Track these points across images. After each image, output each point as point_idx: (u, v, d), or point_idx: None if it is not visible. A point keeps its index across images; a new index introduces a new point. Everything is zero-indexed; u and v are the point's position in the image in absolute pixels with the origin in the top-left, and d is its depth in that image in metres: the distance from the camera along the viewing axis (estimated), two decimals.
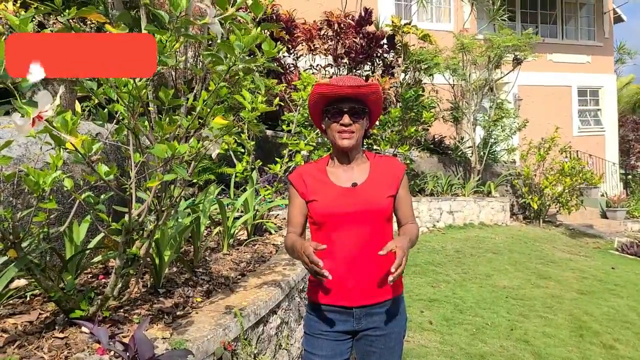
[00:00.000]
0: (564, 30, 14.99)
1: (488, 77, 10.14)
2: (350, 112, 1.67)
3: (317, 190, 1.72)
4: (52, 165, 1.51)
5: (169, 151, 1.44)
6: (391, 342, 1.73)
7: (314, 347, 1.72)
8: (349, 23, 9.22)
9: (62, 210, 2.51)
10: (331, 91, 1.66)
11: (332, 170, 1.78)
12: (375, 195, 1.70)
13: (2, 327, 1.93)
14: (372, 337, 1.72)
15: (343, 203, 1.68)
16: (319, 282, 1.72)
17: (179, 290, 2.51)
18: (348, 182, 1.73)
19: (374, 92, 1.71)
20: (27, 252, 1.84)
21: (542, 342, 4.11)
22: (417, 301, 5.00)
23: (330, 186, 1.73)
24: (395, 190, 1.75)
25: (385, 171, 1.77)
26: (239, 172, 3.96)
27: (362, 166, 1.78)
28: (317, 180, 1.75)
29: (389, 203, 1.73)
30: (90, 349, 1.75)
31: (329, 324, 1.71)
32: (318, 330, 1.72)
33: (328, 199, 1.70)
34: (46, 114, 1.27)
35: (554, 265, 6.95)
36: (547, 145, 10.54)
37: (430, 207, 8.92)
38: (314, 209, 1.71)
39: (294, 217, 1.79)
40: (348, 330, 1.71)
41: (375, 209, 1.68)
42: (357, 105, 1.69)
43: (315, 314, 1.75)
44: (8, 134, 2.45)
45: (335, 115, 1.69)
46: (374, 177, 1.74)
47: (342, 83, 1.65)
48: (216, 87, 1.55)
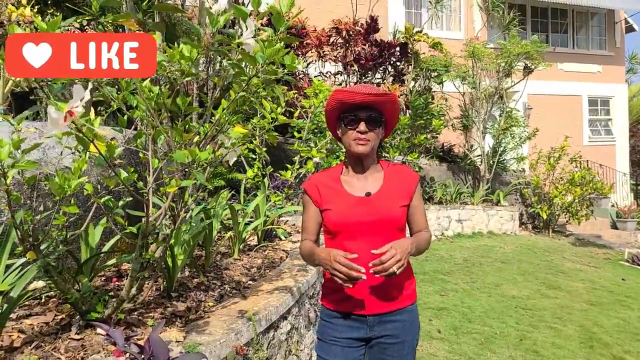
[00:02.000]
0: (574, 40, 14.93)
1: (498, 85, 10.13)
2: (367, 120, 1.68)
3: (331, 200, 1.74)
4: (76, 169, 1.55)
5: (189, 157, 1.47)
6: (404, 351, 1.74)
7: (327, 353, 1.74)
8: (358, 30, 9.27)
9: (78, 214, 2.55)
10: (350, 98, 1.67)
11: (346, 179, 1.79)
12: (389, 205, 1.71)
13: (20, 328, 1.97)
14: (385, 344, 1.73)
15: (357, 212, 1.69)
16: (333, 289, 1.74)
17: (192, 294, 2.54)
18: (362, 191, 1.74)
19: (392, 102, 1.72)
20: (45, 255, 1.88)
21: (551, 353, 4.08)
22: (425, 309, 4.98)
23: (344, 195, 1.74)
24: (409, 199, 1.76)
25: (398, 180, 1.78)
26: (250, 178, 4.00)
27: (375, 175, 1.79)
28: (331, 189, 1.76)
29: (402, 212, 1.74)
30: (106, 350, 1.78)
31: (342, 330, 1.72)
32: (331, 337, 1.73)
33: (342, 208, 1.71)
34: (77, 109, 1.30)
35: (564, 276, 6.89)
36: (557, 155, 10.48)
37: (438, 216, 8.90)
38: (328, 218, 1.73)
39: (309, 225, 1.80)
40: (361, 337, 1.72)
41: (388, 218, 1.70)
42: (374, 113, 1.70)
43: (329, 320, 1.76)
44: (30, 139, 2.50)
45: (352, 122, 1.70)
46: (388, 187, 1.75)
47: (361, 90, 1.66)
48: (236, 97, 1.59)
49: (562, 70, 14.22)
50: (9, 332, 1.90)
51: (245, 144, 2.22)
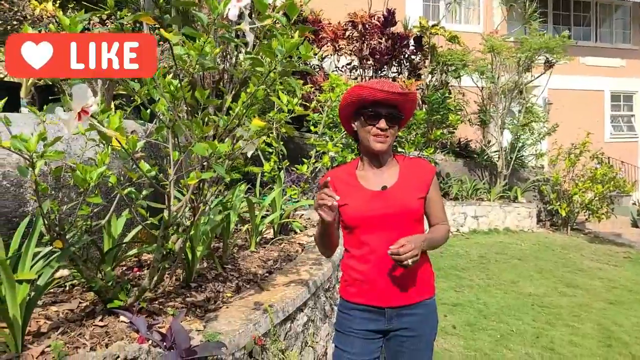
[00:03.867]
0: (597, 33, 14.61)
1: (518, 80, 9.98)
2: (387, 117, 1.69)
3: (348, 195, 1.74)
4: (99, 162, 1.59)
5: (209, 149, 1.50)
6: (421, 344, 1.75)
7: (345, 344, 1.75)
8: (374, 24, 9.21)
9: (102, 205, 2.61)
10: (373, 95, 1.67)
11: (362, 173, 1.80)
12: (405, 197, 1.72)
13: (46, 314, 2.04)
14: (403, 337, 1.74)
15: (373, 206, 1.70)
16: (352, 281, 1.76)
17: (210, 285, 2.58)
18: (378, 185, 1.75)
19: (412, 101, 1.74)
20: (71, 244, 1.93)
21: (568, 351, 4.04)
22: (440, 305, 4.94)
23: (360, 190, 1.75)
24: (426, 191, 1.77)
25: (414, 173, 1.79)
26: (266, 171, 4.03)
27: (392, 169, 1.80)
28: (347, 184, 1.78)
29: (420, 204, 1.75)
30: (129, 337, 1.83)
31: (360, 322, 1.74)
32: (349, 328, 1.75)
33: (358, 202, 1.72)
34: (91, 108, 1.33)
35: (582, 274, 6.80)
36: (578, 151, 10.29)
37: (454, 212, 8.84)
38: (345, 212, 1.74)
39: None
40: (379, 329, 1.74)
41: (405, 210, 1.71)
42: (395, 111, 1.71)
43: (347, 312, 1.78)
44: (54, 131, 2.56)
45: (372, 118, 1.70)
46: (404, 180, 1.76)
47: (383, 88, 1.66)
48: (256, 89, 1.61)
49: (584, 64, 13.94)
50: (36, 318, 1.96)
51: (262, 137, 2.25)
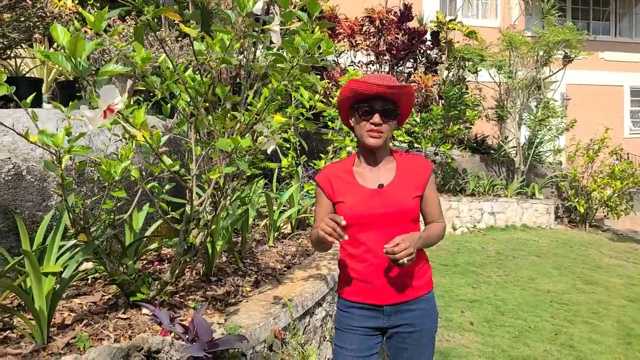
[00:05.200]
0: (617, 27, 14.33)
1: (536, 75, 9.84)
2: (381, 112, 1.65)
3: (344, 192, 1.73)
4: (123, 157, 1.61)
5: (232, 145, 1.51)
6: (423, 339, 1.74)
7: (343, 341, 1.75)
8: (391, 19, 9.16)
9: (123, 199, 2.65)
10: (366, 89, 1.63)
11: (359, 170, 1.77)
12: (402, 197, 1.69)
13: (70, 307, 2.07)
14: (404, 334, 1.73)
15: (369, 205, 1.68)
16: (348, 280, 1.75)
17: (230, 279, 2.60)
18: (374, 183, 1.72)
19: (408, 94, 1.68)
20: (95, 237, 1.96)
21: (587, 348, 3.99)
22: (457, 301, 4.95)
23: (356, 188, 1.73)
24: (422, 190, 1.74)
25: (411, 171, 1.75)
26: (284, 167, 4.04)
27: (388, 166, 1.76)
28: (344, 181, 1.75)
29: (416, 204, 1.72)
30: (151, 330, 1.85)
31: (358, 320, 1.73)
32: (348, 326, 1.75)
33: (355, 201, 1.70)
34: (117, 106, 1.35)
35: (601, 271, 6.70)
36: (597, 147, 10.13)
37: (470, 207, 8.77)
38: (341, 210, 1.72)
39: (321, 217, 1.77)
40: (378, 326, 1.73)
41: (401, 210, 1.68)
42: (390, 105, 1.67)
43: (346, 310, 1.77)
44: (77, 126, 2.60)
45: (366, 113, 1.66)
46: (401, 178, 1.73)
47: (378, 82, 1.62)
48: (278, 84, 1.61)
49: (603, 59, 13.69)
50: (60, 311, 2.00)
51: (282, 132, 2.25)
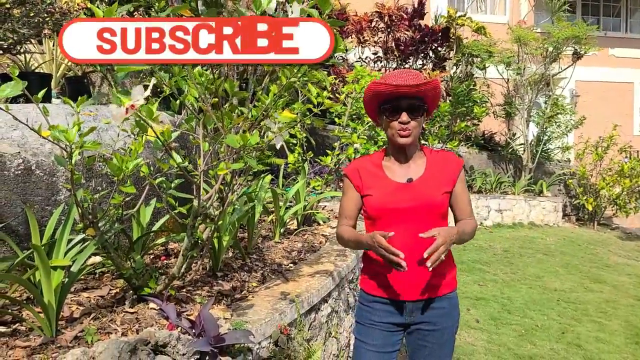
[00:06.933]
0: (628, 24, 14.14)
1: (545, 71, 9.75)
2: (408, 110, 1.64)
3: (373, 185, 1.73)
4: (133, 152, 1.62)
5: (240, 141, 1.51)
6: (443, 338, 1.74)
7: (365, 336, 1.75)
8: (401, 15, 9.09)
9: (134, 194, 2.66)
10: (390, 90, 1.62)
11: (388, 165, 1.77)
12: (431, 191, 1.69)
13: (78, 300, 2.09)
14: (425, 331, 1.73)
15: (398, 198, 1.68)
16: (373, 274, 1.75)
17: (236, 274, 2.61)
18: (403, 177, 1.72)
19: (434, 87, 1.66)
20: (103, 232, 1.98)
21: (595, 347, 3.97)
22: (463, 299, 4.93)
23: (385, 181, 1.73)
24: (452, 186, 1.74)
25: (441, 167, 1.75)
26: (291, 162, 4.04)
27: (418, 162, 1.76)
28: (373, 174, 1.75)
29: (445, 199, 1.72)
30: (158, 324, 1.87)
31: (380, 315, 1.73)
32: (370, 320, 1.75)
33: (383, 193, 1.70)
34: (138, 103, 1.37)
35: (609, 270, 6.65)
36: (605, 144, 10.03)
37: (477, 205, 8.73)
38: (369, 203, 1.72)
39: (348, 210, 1.80)
40: (400, 322, 1.73)
41: (430, 204, 1.67)
42: (416, 101, 1.65)
43: (368, 304, 1.77)
44: (88, 121, 2.61)
45: (393, 113, 1.66)
46: (430, 173, 1.73)
47: (401, 81, 1.61)
48: (287, 81, 1.61)
49: (614, 56, 13.52)
50: (68, 304, 2.02)
51: (290, 129, 2.25)
